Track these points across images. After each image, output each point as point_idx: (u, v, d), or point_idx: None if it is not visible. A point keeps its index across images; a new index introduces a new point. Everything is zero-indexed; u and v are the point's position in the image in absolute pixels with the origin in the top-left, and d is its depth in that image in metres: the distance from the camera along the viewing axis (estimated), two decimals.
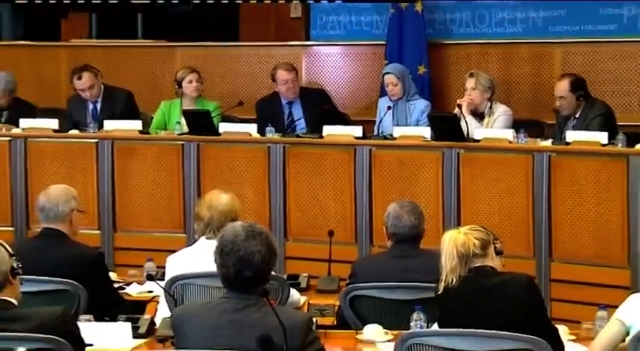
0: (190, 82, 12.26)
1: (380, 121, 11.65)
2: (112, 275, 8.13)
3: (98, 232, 10.70)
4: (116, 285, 7.95)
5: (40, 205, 7.70)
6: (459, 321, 5.85)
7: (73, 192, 7.82)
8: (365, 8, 13.18)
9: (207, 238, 7.37)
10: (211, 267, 6.46)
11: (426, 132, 10.67)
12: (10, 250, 5.62)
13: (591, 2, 12.22)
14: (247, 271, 5.29)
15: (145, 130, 11.78)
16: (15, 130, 11.55)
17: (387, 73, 11.75)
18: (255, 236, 5.36)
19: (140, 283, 8.24)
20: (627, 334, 5.83)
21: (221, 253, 5.40)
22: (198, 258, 7.20)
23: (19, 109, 12.06)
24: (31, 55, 14.78)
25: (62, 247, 7.48)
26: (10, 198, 11.30)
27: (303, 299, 7.56)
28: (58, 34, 16.14)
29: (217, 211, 7.49)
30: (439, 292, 6.25)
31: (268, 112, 11.87)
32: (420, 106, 11.47)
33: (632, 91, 10.98)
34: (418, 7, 12.46)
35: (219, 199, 7.64)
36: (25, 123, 11.65)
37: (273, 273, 5.81)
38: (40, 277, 6.79)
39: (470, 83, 11.26)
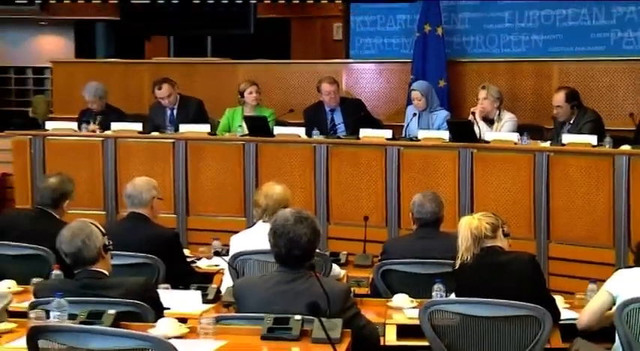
0: (250, 92, 12.25)
1: (407, 126, 11.65)
2: (186, 251, 8.14)
3: (174, 215, 10.72)
4: (189, 260, 7.97)
5: (127, 193, 7.73)
6: (472, 292, 5.85)
7: (153, 182, 7.84)
8: (394, 32, 13.17)
9: (264, 222, 7.35)
10: (267, 245, 6.53)
11: (445, 135, 10.64)
12: (102, 230, 5.71)
13: (583, 27, 12.15)
14: (296, 250, 5.41)
15: (212, 132, 11.79)
16: (107, 132, 11.58)
17: (413, 89, 11.72)
18: (302, 221, 5.50)
19: (208, 258, 8.24)
20: (614, 303, 5.80)
21: (274, 235, 5.52)
22: (256, 238, 7.18)
23: (110, 114, 12.07)
24: (120, 70, 14.79)
25: (145, 228, 7.50)
26: (102, 187, 11.32)
27: (342, 272, 7.56)
28: (142, 53, 16.15)
29: (272, 199, 7.48)
30: (456, 268, 6.28)
31: (314, 118, 11.84)
32: (442, 115, 11.45)
33: (618, 101, 10.92)
34: (439, 31, 12.42)
35: (273, 189, 7.62)
36: (115, 126, 11.68)
37: (317, 251, 5.88)
38: (126, 253, 6.82)
39: (482, 94, 11.20)
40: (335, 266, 7.38)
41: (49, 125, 12.38)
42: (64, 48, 18.52)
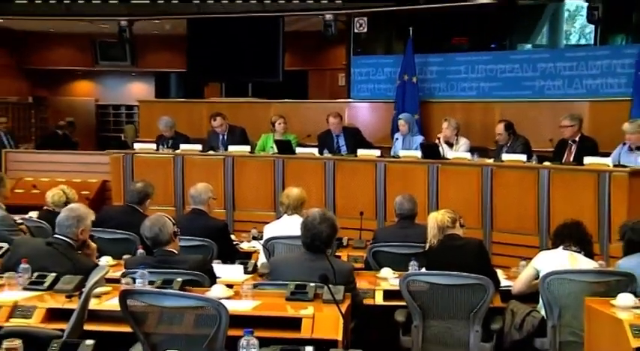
0: (279, 123, 12.22)
1: (394, 147, 11.60)
2: (232, 237, 8.10)
3: (224, 210, 10.63)
4: (234, 242, 7.95)
5: (190, 194, 7.77)
6: (438, 267, 5.82)
7: (210, 187, 7.86)
8: (382, 80, 13.13)
9: (288, 215, 7.40)
10: (290, 233, 6.84)
11: (418, 154, 10.61)
12: (173, 221, 5.77)
13: (517, 78, 12.12)
14: (317, 241, 5.53)
15: (252, 151, 11.75)
16: (176, 151, 11.56)
17: (400, 119, 11.71)
18: (325, 221, 5.60)
19: (248, 241, 8.21)
20: (538, 275, 5.84)
21: (304, 228, 5.63)
22: (282, 227, 7.26)
23: (179, 138, 12.05)
24: (186, 107, 14.75)
25: (203, 220, 7.51)
26: (173, 190, 11.28)
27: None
28: (202, 94, 16.12)
29: (292, 199, 7.48)
30: (426, 249, 6.29)
31: (324, 141, 11.81)
32: (418, 139, 11.40)
33: (541, 130, 10.85)
34: (414, 79, 12.37)
35: (293, 191, 7.62)
36: (182, 146, 11.67)
37: None
38: (190, 238, 6.82)
39: (445, 125, 11.15)
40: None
41: (136, 146, 12.38)
42: (147, 91, 18.53)
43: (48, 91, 18.99)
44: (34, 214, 8.21)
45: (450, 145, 11.05)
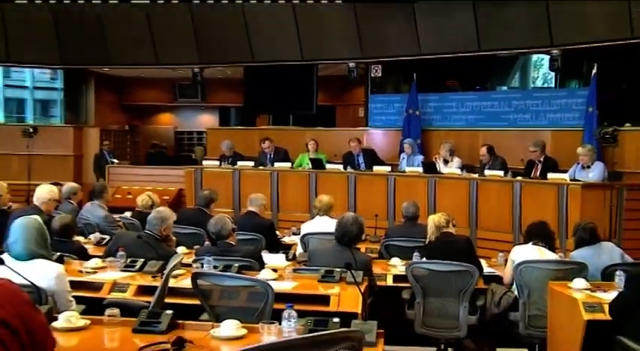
0: (313, 145, 12.24)
1: (400, 164, 11.58)
2: (277, 232, 8.06)
3: (271, 212, 10.69)
4: (279, 237, 7.91)
5: (250, 199, 7.79)
6: (435, 257, 5.75)
7: (264, 197, 7.95)
8: (392, 112, 13.11)
9: (319, 216, 7.37)
10: (321, 230, 6.92)
11: (420, 170, 10.60)
12: (231, 220, 5.85)
13: (496, 112, 12.08)
14: (346, 238, 5.52)
15: (292, 167, 11.79)
16: (235, 166, 11.59)
17: (405, 143, 11.73)
18: (356, 223, 5.61)
19: (289, 236, 8.23)
20: None
21: (338, 226, 5.63)
22: (315, 226, 7.22)
23: (236, 157, 12.08)
24: (242, 133, 14.81)
25: (255, 219, 7.49)
26: (232, 196, 11.31)
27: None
28: (254, 123, 16.14)
29: (323, 204, 7.45)
30: (426, 243, 6.28)
31: (348, 160, 11.80)
32: (419, 159, 11.37)
33: (514, 152, 10.77)
34: (417, 112, 12.35)
35: (323, 198, 7.61)
36: (239, 163, 11.71)
37: None
38: (244, 233, 6.82)
39: (441, 147, 11.18)
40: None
41: (204, 163, 12.46)
42: (213, 121, 18.57)
43: (140, 121, 19.11)
44: (128, 214, 8.25)
45: (446, 162, 11.06)
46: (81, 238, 6.95)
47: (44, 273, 4.04)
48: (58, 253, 5.33)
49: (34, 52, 15.02)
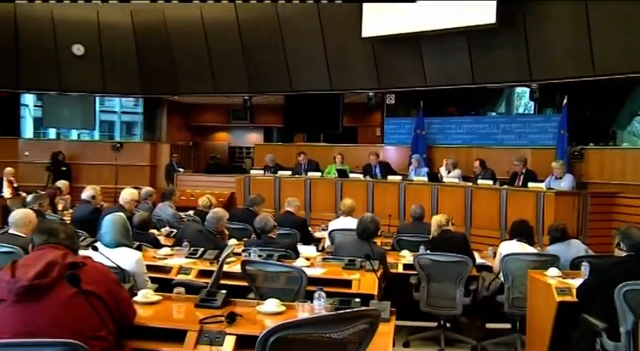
0: (339, 158, 12.25)
1: (409, 175, 11.51)
2: (309, 228, 8.04)
3: (303, 212, 10.54)
4: (310, 232, 7.85)
5: (287, 201, 7.80)
6: (437, 250, 5.73)
7: (297, 198, 7.93)
8: (404, 132, 13.03)
9: (343, 216, 7.41)
10: (344, 227, 6.90)
11: (425, 179, 10.56)
12: (273, 218, 5.90)
13: (487, 133, 12.05)
14: (365, 234, 5.51)
15: (322, 176, 11.75)
16: (276, 175, 11.60)
17: (414, 158, 11.69)
18: (373, 222, 5.59)
19: (319, 232, 8.14)
20: None
21: (359, 223, 5.60)
22: (339, 223, 7.23)
23: (277, 167, 12.10)
24: (283, 148, 14.83)
25: (292, 218, 7.49)
26: (273, 198, 11.41)
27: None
28: (292, 140, 16.13)
29: (346, 206, 7.49)
30: (430, 239, 6.23)
31: (367, 170, 11.76)
32: (424, 170, 11.33)
33: (501, 165, 10.76)
34: (423, 132, 12.32)
35: (347, 201, 7.63)
36: (279, 172, 11.76)
37: None
38: (283, 228, 6.82)
39: (446, 161, 11.27)
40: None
41: (252, 172, 12.47)
42: (259, 138, 18.61)
43: (201, 138, 19.21)
44: (191, 212, 8.30)
45: (448, 172, 11.04)
46: (155, 231, 6.98)
47: (127, 258, 4.08)
48: (138, 243, 5.37)
49: (122, 86, 15.35)
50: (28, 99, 16.16)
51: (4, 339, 2.47)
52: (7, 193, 11.29)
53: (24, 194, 9.86)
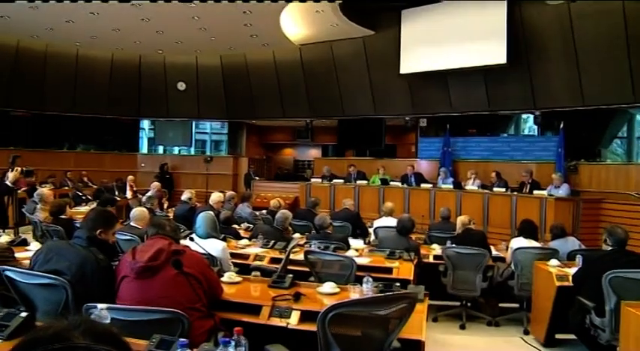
0: (381, 169, 12.23)
1: (438, 183, 11.29)
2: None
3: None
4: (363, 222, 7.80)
5: (343, 201, 7.92)
6: (461, 244, 5.60)
7: (351, 199, 7.93)
8: (434, 149, 12.86)
9: (385, 216, 7.24)
10: (387, 224, 6.70)
11: (451, 187, 10.45)
12: (329, 216, 5.67)
13: (500, 150, 11.92)
14: (404, 230, 5.44)
15: (368, 184, 11.67)
16: (331, 183, 11.60)
17: (442, 170, 11.60)
18: (410, 221, 5.53)
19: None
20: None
21: (398, 222, 5.57)
22: (382, 222, 7.06)
23: (332, 176, 12.13)
24: (337, 161, 14.71)
25: (349, 213, 7.52)
26: (329, 201, 11.38)
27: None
28: (344, 154, 16.10)
29: (388, 208, 7.37)
30: (455, 235, 6.06)
31: (404, 179, 11.66)
32: (450, 180, 11.17)
33: (512, 177, 10.57)
34: (450, 149, 12.15)
35: (388, 204, 7.53)
36: (334, 181, 11.79)
37: None
38: (338, 222, 6.85)
39: (470, 173, 11.09)
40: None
41: (312, 180, 12.51)
42: (317, 153, 18.52)
43: (272, 153, 19.39)
44: (264, 212, 8.33)
45: (472, 182, 10.86)
46: (236, 226, 7.05)
47: (215, 247, 4.13)
48: (223, 235, 5.42)
49: (212, 112, 15.63)
50: (145, 123, 16.78)
51: (127, 305, 2.56)
52: (129, 194, 11.66)
53: (140, 196, 10.15)
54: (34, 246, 4.49)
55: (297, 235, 6.31)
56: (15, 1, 10.00)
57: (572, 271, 4.56)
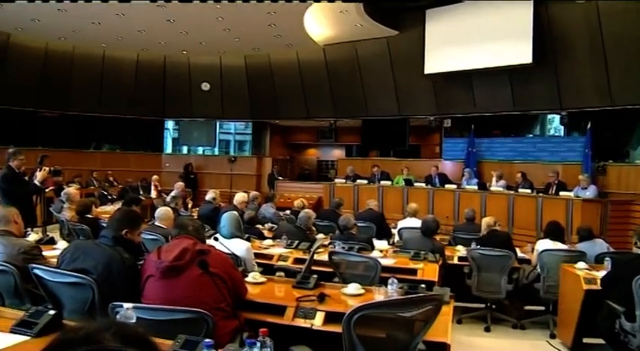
0: (405, 170, 12.19)
1: (463, 184, 11.14)
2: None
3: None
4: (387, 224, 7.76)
5: (367, 202, 7.82)
6: (486, 246, 5.51)
7: (375, 200, 7.95)
8: (458, 150, 12.72)
9: (409, 217, 7.17)
10: (411, 225, 6.60)
11: (476, 187, 10.33)
12: (353, 216, 5.71)
13: (526, 151, 11.75)
14: (428, 232, 5.37)
15: (392, 184, 11.59)
16: (354, 183, 11.55)
17: (466, 171, 11.48)
18: (434, 222, 5.48)
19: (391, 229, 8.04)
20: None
21: (423, 223, 5.52)
22: (406, 223, 6.98)
23: (356, 177, 12.08)
24: (360, 161, 14.65)
25: (373, 214, 7.47)
26: (352, 201, 11.35)
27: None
28: (368, 154, 16.04)
29: (412, 209, 7.31)
30: (480, 236, 5.96)
31: (428, 180, 11.58)
32: (475, 181, 11.00)
33: (538, 177, 10.44)
34: (474, 150, 12.03)
35: (412, 205, 7.51)
36: (358, 181, 11.77)
37: None
38: (362, 222, 6.78)
39: (496, 173, 10.96)
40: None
41: (336, 180, 12.49)
42: (341, 154, 18.39)
43: (296, 153, 19.43)
44: (288, 212, 8.36)
45: (497, 181, 10.76)
46: (260, 226, 7.06)
47: (239, 247, 4.13)
48: (247, 235, 5.43)
49: (236, 112, 15.75)
50: (169, 124, 16.98)
51: (153, 304, 2.57)
52: (153, 194, 11.77)
53: (165, 195, 10.24)
54: (61, 245, 4.57)
55: (320, 236, 6.28)
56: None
57: (601, 274, 4.46)
